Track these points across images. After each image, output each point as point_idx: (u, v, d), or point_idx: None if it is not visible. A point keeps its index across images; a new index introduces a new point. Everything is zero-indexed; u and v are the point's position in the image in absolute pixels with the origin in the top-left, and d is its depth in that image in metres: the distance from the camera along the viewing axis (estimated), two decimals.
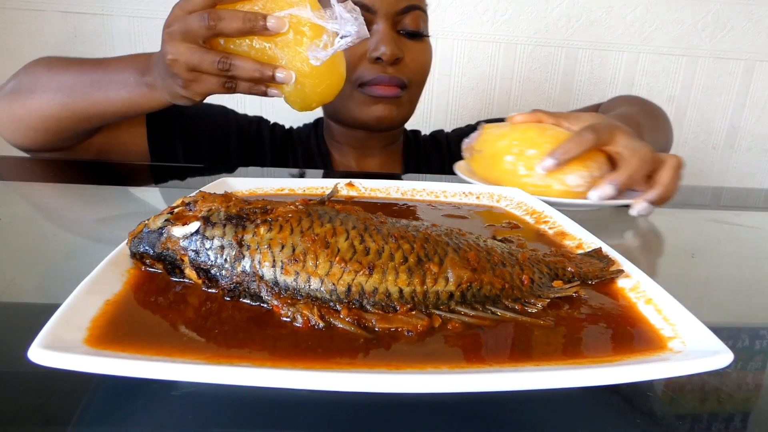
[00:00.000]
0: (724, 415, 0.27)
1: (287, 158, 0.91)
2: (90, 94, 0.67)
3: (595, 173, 0.58)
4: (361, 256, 0.30)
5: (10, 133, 0.73)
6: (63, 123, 0.70)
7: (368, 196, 0.54)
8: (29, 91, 0.70)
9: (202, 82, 0.57)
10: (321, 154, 0.91)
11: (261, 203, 0.34)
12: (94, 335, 0.25)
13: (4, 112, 0.71)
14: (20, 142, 0.74)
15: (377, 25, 0.77)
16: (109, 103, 0.67)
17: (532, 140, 0.60)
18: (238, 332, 0.27)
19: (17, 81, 0.71)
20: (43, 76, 0.70)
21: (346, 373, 0.23)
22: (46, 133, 0.71)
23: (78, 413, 0.24)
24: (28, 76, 0.71)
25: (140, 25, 1.34)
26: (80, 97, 0.68)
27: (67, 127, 0.71)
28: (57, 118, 0.69)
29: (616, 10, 1.43)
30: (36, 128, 0.71)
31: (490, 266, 0.32)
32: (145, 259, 0.32)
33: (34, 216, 0.54)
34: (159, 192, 0.64)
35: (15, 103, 0.70)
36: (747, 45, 1.47)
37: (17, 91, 0.70)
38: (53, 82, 0.69)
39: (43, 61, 0.74)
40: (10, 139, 0.74)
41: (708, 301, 0.41)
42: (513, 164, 0.60)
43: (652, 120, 0.83)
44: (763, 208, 0.78)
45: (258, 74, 0.55)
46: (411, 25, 0.80)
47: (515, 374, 0.23)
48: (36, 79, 0.70)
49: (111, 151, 0.79)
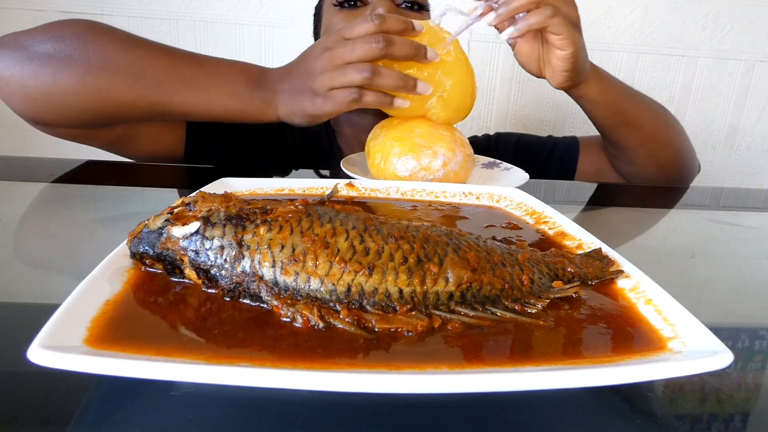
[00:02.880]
0: (724, 415, 0.27)
1: (303, 157, 0.92)
2: (184, 93, 0.63)
3: (424, 162, 0.60)
4: (360, 256, 0.30)
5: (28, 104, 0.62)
6: (122, 112, 0.63)
7: (368, 196, 0.54)
8: (88, 65, 0.59)
9: (334, 98, 0.61)
10: (332, 151, 0.92)
11: (261, 203, 0.34)
12: (94, 335, 0.25)
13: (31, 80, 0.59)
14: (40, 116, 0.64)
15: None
16: (206, 107, 0.64)
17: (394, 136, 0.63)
18: (238, 332, 0.27)
19: (61, 45, 0.59)
20: (111, 52, 0.60)
21: (346, 373, 0.23)
22: (83, 112, 0.62)
23: (78, 413, 0.24)
24: (83, 44, 0.60)
25: (140, 25, 1.34)
26: (169, 92, 0.62)
27: (123, 116, 0.64)
28: (120, 105, 0.62)
29: (616, 10, 1.43)
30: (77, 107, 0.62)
31: (490, 266, 0.32)
32: (145, 259, 0.32)
33: (34, 216, 0.54)
34: (159, 192, 0.64)
35: (58, 73, 0.59)
36: (747, 45, 1.47)
37: (62, 60, 0.59)
38: (133, 66, 0.61)
39: (98, 29, 0.62)
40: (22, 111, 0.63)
41: (708, 301, 0.41)
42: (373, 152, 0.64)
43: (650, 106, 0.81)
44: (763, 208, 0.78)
45: (402, 83, 0.59)
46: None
47: (515, 374, 0.23)
48: (98, 52, 0.60)
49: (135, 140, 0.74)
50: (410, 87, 0.60)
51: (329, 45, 0.61)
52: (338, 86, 0.60)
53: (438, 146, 0.60)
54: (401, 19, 0.60)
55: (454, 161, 0.60)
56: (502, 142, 1.00)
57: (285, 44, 1.39)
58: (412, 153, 0.60)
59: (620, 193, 0.61)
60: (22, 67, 0.59)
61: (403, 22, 0.60)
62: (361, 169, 0.66)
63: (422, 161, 0.60)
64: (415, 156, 0.60)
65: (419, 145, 0.60)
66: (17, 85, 0.60)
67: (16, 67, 0.60)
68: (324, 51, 0.61)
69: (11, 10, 1.29)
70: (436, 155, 0.60)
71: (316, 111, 0.62)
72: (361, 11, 0.80)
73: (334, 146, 0.92)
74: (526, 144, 0.99)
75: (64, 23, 0.63)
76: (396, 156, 0.61)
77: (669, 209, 0.72)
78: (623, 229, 0.59)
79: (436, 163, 0.60)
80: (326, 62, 0.60)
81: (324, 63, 0.61)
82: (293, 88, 0.64)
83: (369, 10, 0.79)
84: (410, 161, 0.60)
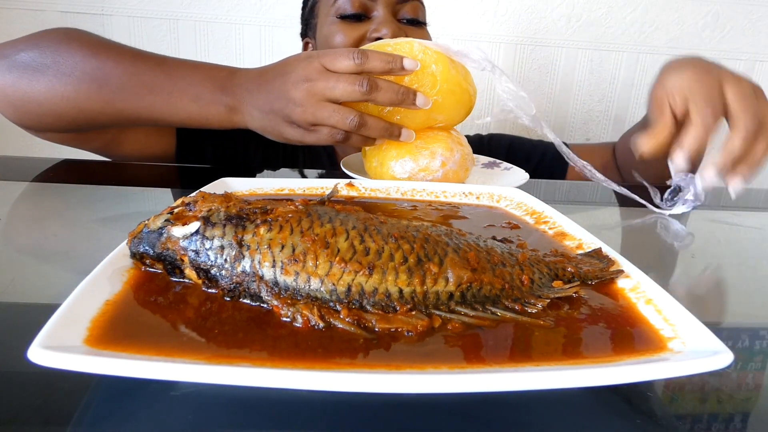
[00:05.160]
0: (724, 415, 0.27)
1: (297, 157, 0.91)
2: (145, 97, 0.61)
3: (422, 163, 0.60)
4: (361, 256, 0.30)
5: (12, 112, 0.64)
6: (95, 118, 0.63)
7: (368, 196, 0.54)
8: (57, 73, 0.60)
9: (318, 133, 0.59)
10: (327, 153, 0.92)
11: (261, 203, 0.34)
12: (93, 335, 0.25)
13: (10, 88, 0.61)
14: (24, 122, 0.66)
15: (377, 11, 0.81)
16: (170, 112, 0.62)
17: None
18: (238, 332, 0.27)
19: (37, 53, 0.61)
20: (78, 58, 0.61)
21: (346, 373, 0.23)
22: (60, 119, 0.63)
23: (78, 413, 0.24)
24: (55, 52, 0.61)
25: (140, 25, 1.34)
26: (131, 96, 0.61)
27: (96, 122, 0.64)
28: (90, 112, 0.62)
29: (616, 10, 1.43)
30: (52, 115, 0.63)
31: (490, 266, 0.32)
32: (145, 259, 0.32)
33: (34, 216, 0.54)
34: (159, 192, 0.64)
35: (33, 82, 0.60)
36: (747, 45, 1.47)
37: (36, 68, 0.60)
38: (96, 70, 0.60)
39: (73, 36, 0.63)
40: (10, 118, 0.65)
41: (708, 301, 0.41)
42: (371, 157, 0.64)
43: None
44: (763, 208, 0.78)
45: (387, 134, 0.58)
46: (410, 13, 0.83)
47: (515, 374, 0.23)
48: (67, 59, 0.60)
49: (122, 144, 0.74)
50: (395, 136, 0.59)
51: (309, 74, 0.57)
52: (320, 124, 0.58)
53: (435, 146, 0.60)
54: (386, 59, 0.56)
55: (452, 161, 0.60)
56: (495, 143, 1.00)
57: (285, 44, 1.39)
58: (409, 155, 0.60)
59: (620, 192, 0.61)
60: (3, 76, 0.61)
61: (388, 62, 0.55)
62: (360, 171, 0.66)
63: (420, 162, 0.60)
64: (412, 158, 0.60)
65: (416, 147, 0.60)
66: (1, 93, 0.62)
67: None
68: (303, 81, 0.57)
69: (11, 10, 1.29)
70: (434, 156, 0.60)
71: (296, 139, 0.60)
72: (364, 25, 0.81)
73: (329, 148, 0.92)
74: (518, 146, 0.99)
75: (46, 32, 0.64)
76: (393, 159, 0.61)
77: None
78: (623, 229, 0.59)
79: (435, 163, 0.60)
80: (305, 95, 0.57)
81: (302, 95, 0.57)
82: (266, 106, 0.60)
83: (373, 25, 0.80)
84: (408, 163, 0.60)
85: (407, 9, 0.83)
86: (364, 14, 0.81)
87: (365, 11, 0.81)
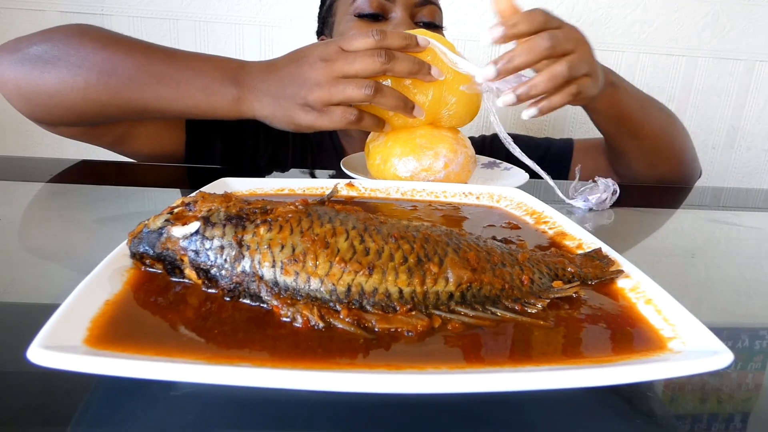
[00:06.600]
0: (724, 415, 0.27)
1: (306, 155, 0.92)
2: (154, 88, 0.62)
3: (425, 163, 0.60)
4: (361, 256, 0.30)
5: (25, 104, 0.65)
6: (103, 109, 0.64)
7: (368, 196, 0.54)
8: (68, 64, 0.61)
9: (331, 114, 0.59)
10: (335, 149, 0.92)
11: (261, 203, 0.34)
12: (93, 335, 0.25)
13: (23, 81, 0.62)
14: (36, 115, 0.67)
15: (395, 13, 0.81)
16: (178, 103, 0.63)
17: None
18: (238, 332, 0.27)
19: (49, 46, 0.62)
20: (89, 50, 0.62)
21: (346, 373, 0.23)
22: (70, 111, 0.64)
23: (78, 413, 0.24)
24: (67, 45, 0.62)
25: (140, 25, 1.34)
26: (140, 88, 0.62)
27: (105, 114, 0.65)
28: (99, 102, 0.63)
29: (616, 10, 1.42)
30: (62, 106, 0.63)
31: (490, 266, 0.32)
32: (145, 259, 0.32)
33: (34, 216, 0.54)
34: (159, 192, 0.64)
35: (44, 73, 0.61)
36: (747, 45, 1.47)
37: (48, 60, 0.61)
38: (106, 61, 0.61)
39: (85, 30, 0.64)
40: (23, 111, 0.67)
41: (708, 301, 0.41)
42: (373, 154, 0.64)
43: (658, 108, 0.80)
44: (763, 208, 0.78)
45: (402, 104, 0.58)
46: (428, 17, 0.83)
47: (515, 374, 0.23)
48: (78, 51, 0.61)
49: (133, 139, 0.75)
50: (408, 109, 0.59)
51: (327, 55, 0.58)
52: (336, 102, 0.58)
53: (440, 147, 0.60)
54: (403, 35, 0.58)
55: (455, 162, 0.60)
56: (497, 142, 1.00)
57: (285, 44, 1.39)
58: (413, 154, 0.60)
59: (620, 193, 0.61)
60: (17, 68, 0.63)
61: (405, 38, 0.58)
62: (360, 170, 0.66)
63: (423, 162, 0.60)
64: (416, 157, 0.60)
65: (420, 146, 0.60)
66: (14, 86, 0.63)
67: (12, 69, 0.63)
68: (321, 61, 0.58)
69: (11, 10, 1.29)
70: (438, 156, 0.60)
71: (308, 123, 0.60)
72: (381, 25, 0.82)
73: (336, 144, 0.93)
74: (520, 145, 0.99)
75: (60, 27, 0.65)
76: (397, 157, 0.61)
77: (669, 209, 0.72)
78: (623, 229, 0.59)
79: (438, 164, 0.60)
80: (323, 74, 0.58)
81: (320, 74, 0.58)
82: (279, 92, 0.61)
83: (391, 26, 0.81)
84: (411, 162, 0.60)
85: (425, 12, 0.83)
86: (382, 15, 0.82)
87: (383, 11, 0.82)
